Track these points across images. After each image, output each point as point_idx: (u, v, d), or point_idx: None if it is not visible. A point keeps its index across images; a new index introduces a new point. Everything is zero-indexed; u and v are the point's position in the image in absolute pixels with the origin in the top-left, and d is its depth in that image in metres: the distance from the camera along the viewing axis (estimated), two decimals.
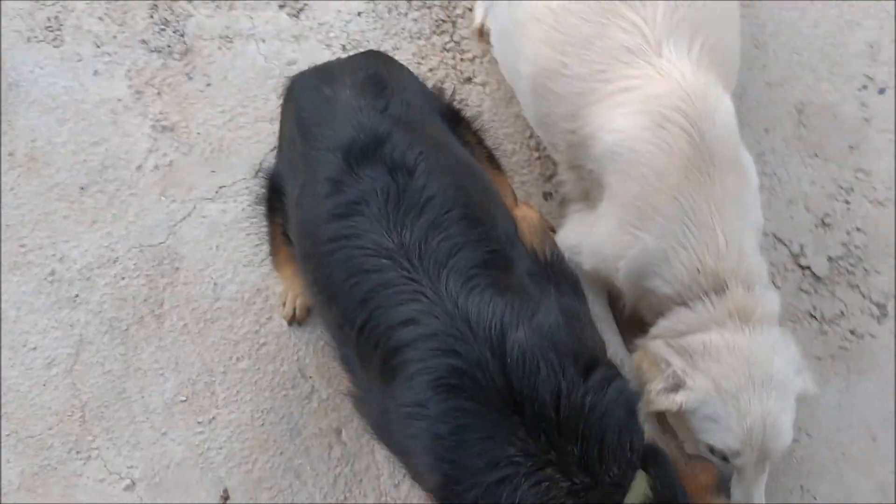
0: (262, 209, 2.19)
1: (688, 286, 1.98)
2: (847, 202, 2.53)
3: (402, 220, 1.69)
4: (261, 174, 2.31)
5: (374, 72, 2.00)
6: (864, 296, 2.43)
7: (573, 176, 2.33)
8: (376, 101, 1.88)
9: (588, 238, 2.19)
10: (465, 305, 1.58)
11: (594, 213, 2.19)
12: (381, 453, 2.40)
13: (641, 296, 2.12)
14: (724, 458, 1.95)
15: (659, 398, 1.95)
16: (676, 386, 1.94)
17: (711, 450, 1.96)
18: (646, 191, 1.99)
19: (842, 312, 2.43)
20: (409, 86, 2.07)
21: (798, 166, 2.54)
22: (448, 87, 2.67)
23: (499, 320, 1.56)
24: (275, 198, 2.12)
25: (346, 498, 2.38)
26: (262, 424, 2.45)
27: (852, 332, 2.41)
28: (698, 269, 1.96)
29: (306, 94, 2.03)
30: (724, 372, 1.89)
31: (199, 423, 2.45)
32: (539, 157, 2.63)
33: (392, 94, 1.92)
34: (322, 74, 2.08)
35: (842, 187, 2.54)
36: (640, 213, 2.00)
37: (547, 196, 2.62)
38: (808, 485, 2.29)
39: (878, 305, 2.42)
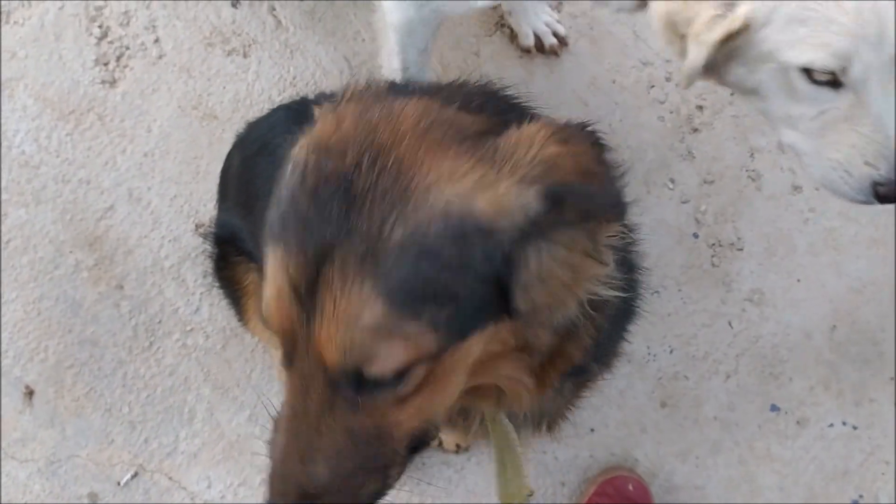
0: (213, 273, 2.03)
1: None
2: None
3: None
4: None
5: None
6: None
7: None
8: None
9: None
10: None
11: None
12: (170, 290, 2.40)
13: None
14: (833, 83, 1.37)
15: (714, 27, 1.40)
16: (731, 4, 1.38)
17: (808, 75, 1.37)
18: None
19: None
20: None
21: None
22: None
23: None
24: (229, 250, 1.94)
25: (151, 343, 2.36)
26: (39, 314, 2.35)
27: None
28: None
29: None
30: None
31: None
32: None
33: None
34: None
35: None
36: None
37: None
38: None
39: None
